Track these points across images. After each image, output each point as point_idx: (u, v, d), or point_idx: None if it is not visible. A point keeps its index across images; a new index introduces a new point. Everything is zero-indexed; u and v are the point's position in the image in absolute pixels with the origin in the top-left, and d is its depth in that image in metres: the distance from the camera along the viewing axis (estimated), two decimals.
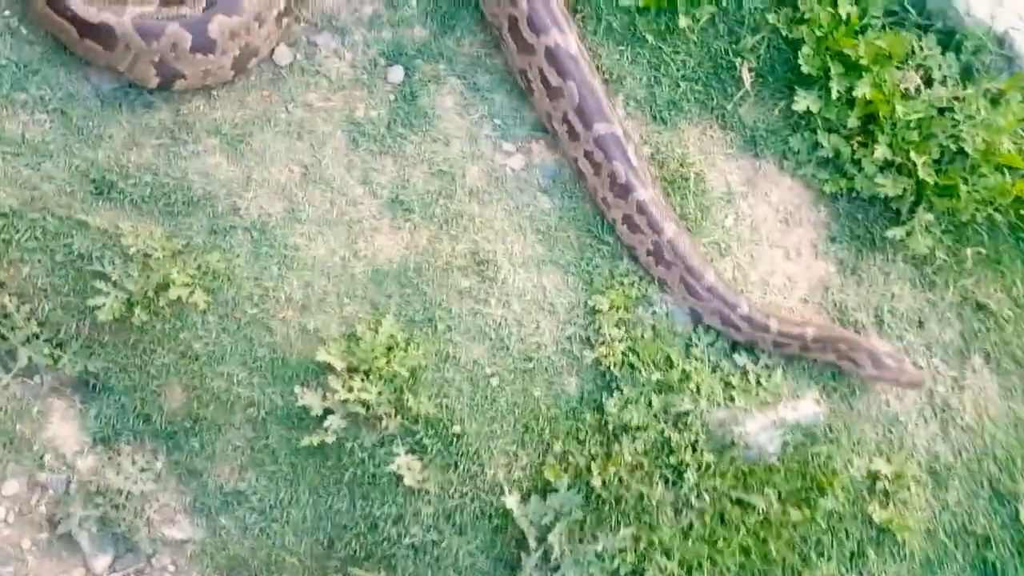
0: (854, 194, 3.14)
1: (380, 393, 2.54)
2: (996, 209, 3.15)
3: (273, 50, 2.75)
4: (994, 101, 3.14)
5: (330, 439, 2.51)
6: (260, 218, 2.65)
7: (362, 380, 2.53)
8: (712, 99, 3.08)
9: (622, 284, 2.84)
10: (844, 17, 3.05)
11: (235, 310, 2.60)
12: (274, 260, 2.64)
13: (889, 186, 3.08)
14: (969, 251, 3.18)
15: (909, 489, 2.97)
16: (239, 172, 2.66)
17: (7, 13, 2.57)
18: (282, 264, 2.64)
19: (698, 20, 3.09)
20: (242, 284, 2.61)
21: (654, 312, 2.85)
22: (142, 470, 2.56)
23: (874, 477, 2.96)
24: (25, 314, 2.48)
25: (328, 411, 2.53)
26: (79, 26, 2.48)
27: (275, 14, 2.65)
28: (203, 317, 2.57)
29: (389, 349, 2.59)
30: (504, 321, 2.76)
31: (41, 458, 2.55)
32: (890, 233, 3.10)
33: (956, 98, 3.12)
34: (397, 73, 2.84)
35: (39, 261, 2.51)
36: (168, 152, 2.62)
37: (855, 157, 3.12)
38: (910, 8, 3.13)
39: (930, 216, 3.13)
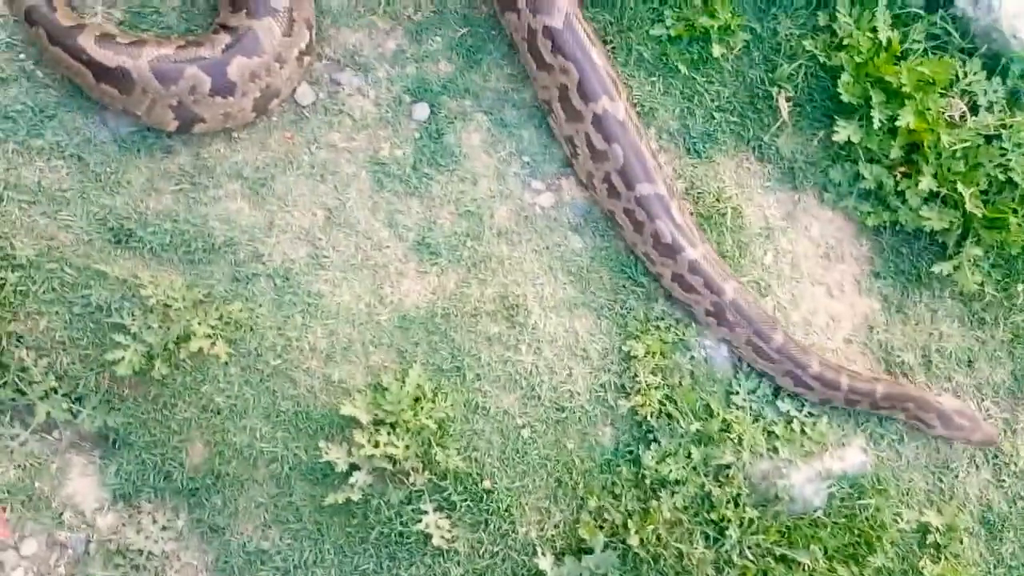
0: (898, 227, 2.99)
1: (407, 447, 2.42)
2: None
3: (295, 90, 2.65)
4: None
5: (356, 496, 2.40)
6: (283, 264, 2.55)
7: (388, 434, 2.42)
8: (748, 130, 2.94)
9: (658, 328, 2.70)
10: (884, 42, 2.90)
11: (258, 361, 2.49)
12: (298, 308, 2.53)
13: (935, 219, 2.92)
14: (1020, 286, 3.02)
15: (961, 542, 2.81)
16: (261, 217, 2.56)
17: (22, 56, 2.48)
18: (306, 312, 2.53)
19: (732, 48, 2.95)
20: (265, 334, 2.50)
21: (692, 357, 2.71)
22: (163, 528, 2.45)
23: (924, 530, 2.80)
24: (43, 368, 2.39)
25: (354, 467, 2.41)
26: (95, 70, 2.39)
27: (296, 53, 2.55)
28: (225, 369, 2.47)
29: (416, 400, 2.47)
30: (535, 368, 2.63)
31: (60, 516, 2.45)
32: (936, 268, 2.94)
33: (1003, 125, 2.96)
34: (422, 110, 2.73)
35: (57, 313, 2.42)
36: (188, 198, 2.52)
37: (898, 189, 2.97)
38: (953, 32, 2.97)
39: (978, 250, 2.97)
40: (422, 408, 2.46)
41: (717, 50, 2.91)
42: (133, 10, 2.57)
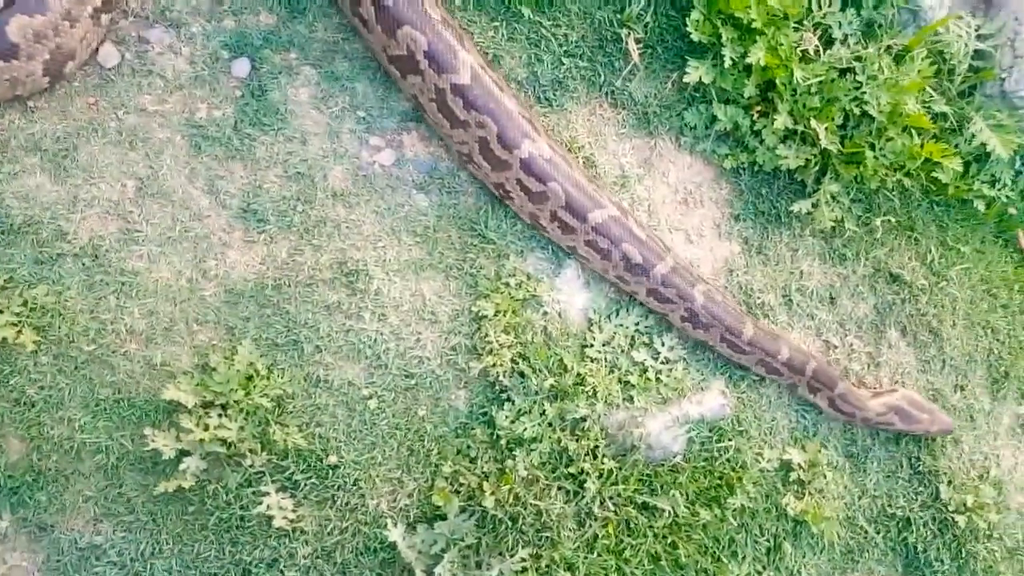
0: (756, 168, 2.85)
1: (242, 428, 2.22)
2: (906, 174, 2.89)
3: (96, 51, 2.34)
4: (898, 59, 2.85)
5: (188, 483, 2.19)
6: (91, 242, 2.28)
7: (220, 416, 2.21)
8: (599, 76, 2.74)
9: (508, 286, 2.52)
10: None
11: (70, 348, 2.24)
12: (110, 289, 2.27)
13: (792, 157, 2.79)
14: (879, 220, 2.93)
15: (825, 476, 2.75)
16: (64, 192, 2.28)
17: None
18: (120, 292, 2.28)
19: None
20: (76, 318, 2.24)
21: (545, 313, 2.54)
22: None
23: (787, 468, 2.72)
24: None
25: (184, 452, 2.20)
26: None
27: (90, 10, 2.24)
28: (35, 359, 2.21)
29: (249, 379, 2.26)
30: (380, 336, 2.43)
31: None
32: (796, 207, 2.82)
33: (858, 58, 2.81)
34: (243, 66, 2.45)
35: None
36: None
37: (755, 129, 2.82)
38: None
39: (837, 186, 2.85)
40: (255, 386, 2.25)
41: None
42: None
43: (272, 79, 2.45)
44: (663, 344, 2.63)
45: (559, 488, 2.47)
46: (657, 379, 2.57)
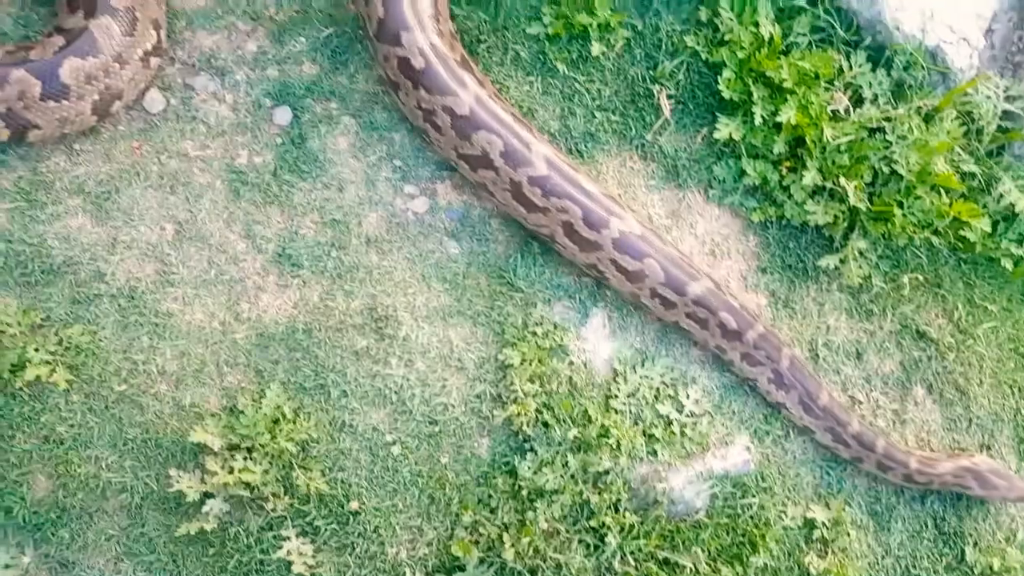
0: (784, 222, 2.80)
1: (266, 472, 2.18)
2: (934, 232, 2.82)
3: (143, 94, 2.36)
4: (927, 119, 2.80)
5: (211, 525, 2.15)
6: (128, 283, 2.27)
7: (245, 459, 2.16)
8: (630, 129, 2.72)
9: (535, 335, 2.48)
10: (767, 37, 2.68)
11: (102, 387, 2.22)
12: (144, 330, 2.26)
13: (820, 213, 2.73)
14: (907, 277, 2.85)
15: (848, 535, 2.64)
16: (104, 234, 2.27)
17: None
18: (153, 334, 2.26)
19: (612, 46, 2.72)
20: (109, 358, 2.22)
21: (571, 363, 2.49)
22: (6, 566, 2.18)
23: (811, 525, 2.62)
24: None
25: (207, 495, 2.16)
26: None
27: (140, 54, 2.26)
28: (66, 397, 2.19)
29: (275, 422, 2.22)
30: (406, 382, 2.39)
31: None
32: (823, 262, 2.76)
33: (887, 118, 2.77)
34: (284, 114, 2.45)
35: None
36: (24, 216, 2.23)
37: (783, 183, 2.77)
38: (837, 25, 2.76)
39: (864, 242, 2.79)
40: (281, 430, 2.21)
41: (597, 48, 2.68)
42: None
43: (312, 127, 2.45)
44: (688, 397, 2.56)
45: (579, 541, 2.39)
46: (682, 433, 2.50)
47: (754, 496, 2.55)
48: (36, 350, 2.12)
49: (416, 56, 2.26)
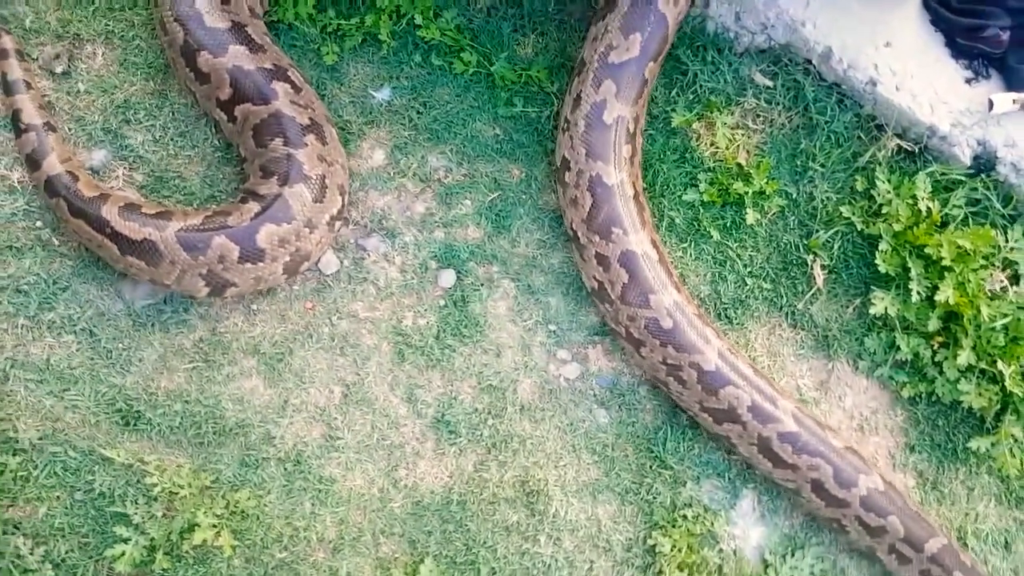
0: (934, 398, 2.60)
1: None
2: None
3: (322, 256, 2.33)
4: None
5: None
6: (295, 447, 2.20)
7: None
8: (781, 297, 2.59)
9: (685, 518, 2.32)
10: (924, 211, 2.54)
11: (263, 553, 2.14)
12: (307, 495, 2.18)
13: (973, 395, 2.54)
14: None
15: None
16: (276, 396, 2.22)
17: (39, 224, 2.18)
18: (316, 499, 2.18)
19: (766, 213, 2.61)
20: (272, 523, 2.15)
21: (720, 551, 2.32)
22: None
23: None
24: (39, 557, 2.06)
25: None
26: (120, 242, 2.08)
27: (327, 219, 2.24)
28: (228, 562, 2.12)
29: None
30: (554, 562, 2.26)
31: None
32: (974, 444, 2.55)
33: None
34: (448, 277, 2.40)
35: (57, 499, 2.09)
36: (201, 376, 2.19)
37: (935, 359, 2.59)
38: (994, 198, 2.61)
39: (1019, 429, 2.57)
40: None
41: (751, 216, 2.57)
42: (155, 174, 2.27)
43: (474, 291, 2.39)
44: None
45: None
46: None
47: None
48: (204, 514, 2.06)
49: (665, 317, 2.25)
